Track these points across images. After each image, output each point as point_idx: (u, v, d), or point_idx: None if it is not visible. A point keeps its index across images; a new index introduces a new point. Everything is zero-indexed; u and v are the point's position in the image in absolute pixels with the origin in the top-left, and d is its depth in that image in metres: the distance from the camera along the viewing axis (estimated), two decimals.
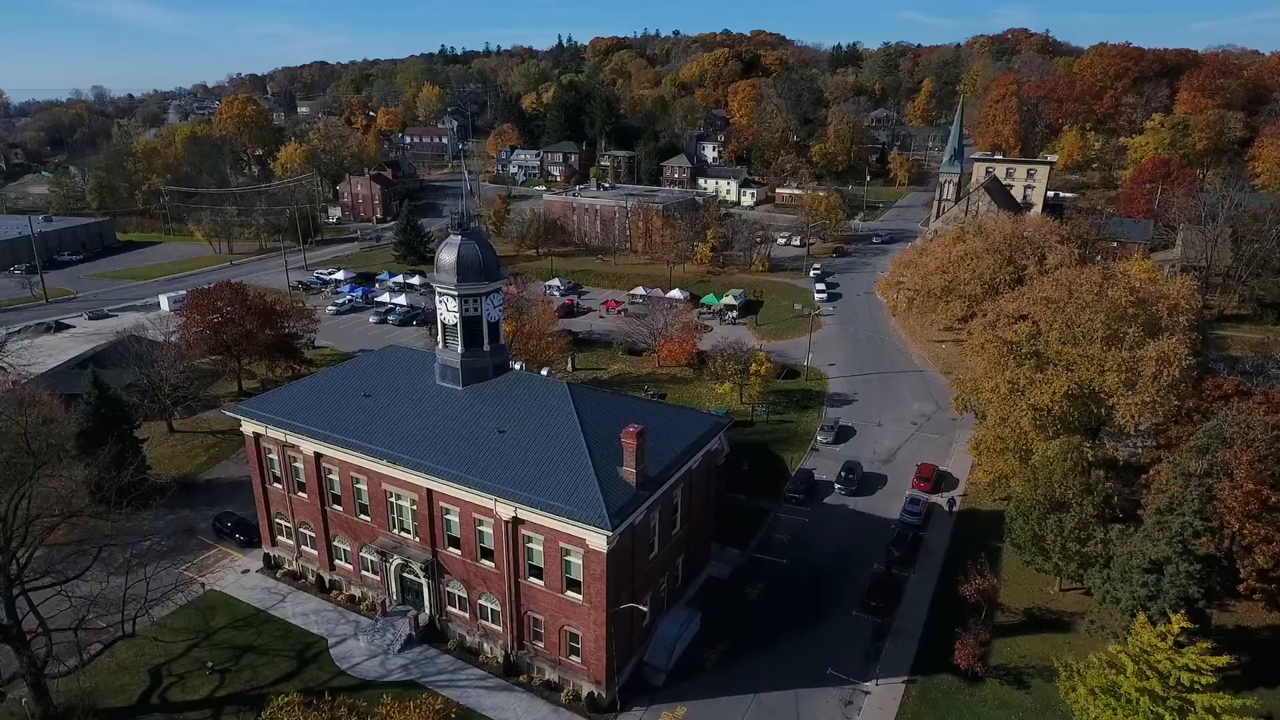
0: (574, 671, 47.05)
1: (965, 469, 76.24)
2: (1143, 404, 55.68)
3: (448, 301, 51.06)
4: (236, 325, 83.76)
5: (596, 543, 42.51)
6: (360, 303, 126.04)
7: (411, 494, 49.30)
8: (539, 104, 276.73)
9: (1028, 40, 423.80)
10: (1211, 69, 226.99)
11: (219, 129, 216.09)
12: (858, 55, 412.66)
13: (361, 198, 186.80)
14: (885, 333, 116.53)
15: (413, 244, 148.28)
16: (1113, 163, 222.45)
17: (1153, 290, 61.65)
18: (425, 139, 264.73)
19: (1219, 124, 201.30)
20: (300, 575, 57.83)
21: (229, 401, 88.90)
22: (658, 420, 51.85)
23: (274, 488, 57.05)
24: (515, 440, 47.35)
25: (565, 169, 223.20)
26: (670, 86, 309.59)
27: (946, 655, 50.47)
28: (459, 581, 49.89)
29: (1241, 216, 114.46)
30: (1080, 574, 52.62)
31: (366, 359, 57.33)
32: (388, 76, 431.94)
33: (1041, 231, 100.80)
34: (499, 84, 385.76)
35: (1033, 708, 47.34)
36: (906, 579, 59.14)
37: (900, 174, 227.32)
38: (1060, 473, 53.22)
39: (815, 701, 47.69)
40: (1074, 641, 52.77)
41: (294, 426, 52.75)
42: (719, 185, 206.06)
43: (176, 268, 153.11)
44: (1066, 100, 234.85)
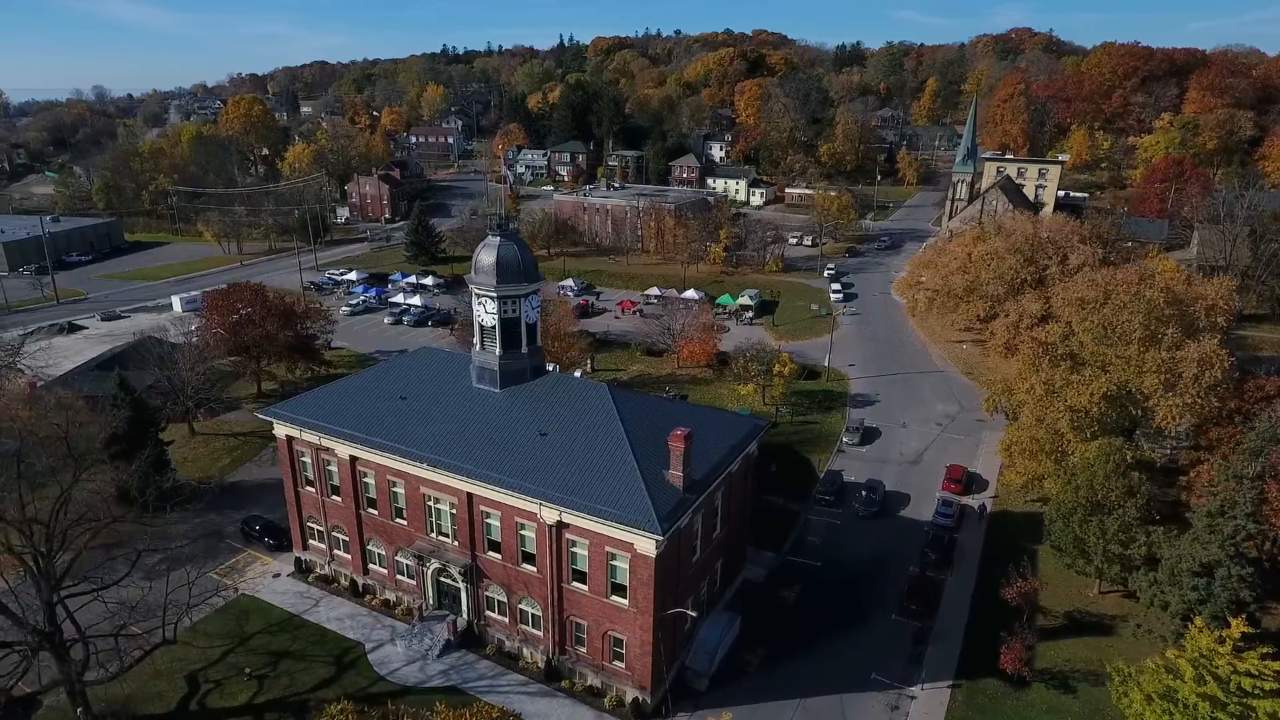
0: (618, 677, 46.51)
1: (994, 470, 75.72)
2: (1184, 405, 55.19)
3: (486, 303, 50.49)
4: (256, 326, 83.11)
5: (645, 547, 41.98)
6: (374, 303, 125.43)
7: (451, 498, 48.73)
8: (544, 104, 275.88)
9: (1031, 39, 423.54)
10: (1220, 68, 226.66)
11: (225, 129, 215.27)
12: (861, 55, 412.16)
13: (370, 198, 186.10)
14: (903, 333, 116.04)
15: (424, 244, 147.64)
16: (1121, 162, 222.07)
17: (1189, 291, 61.18)
18: (431, 139, 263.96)
19: (1229, 123, 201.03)
20: (333, 579, 57.25)
21: (248, 403, 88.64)
22: (697, 423, 51.19)
23: (306, 491, 56.46)
24: (557, 443, 46.80)
25: (573, 168, 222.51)
26: (675, 86, 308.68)
27: (990, 659, 50.04)
28: (499, 586, 49.33)
29: (1261, 216, 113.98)
30: (1123, 577, 52.15)
31: (399, 361, 56.75)
32: (390, 76, 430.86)
33: (1063, 231, 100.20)
34: (502, 84, 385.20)
35: (1081, 713, 46.85)
36: (943, 581, 58.65)
37: (909, 174, 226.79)
38: (1102, 474, 52.74)
39: (861, 706, 47.19)
40: (1118, 645, 52.35)
41: (329, 430, 52.16)
42: (727, 185, 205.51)
43: (186, 268, 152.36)
44: (1075, 99, 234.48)
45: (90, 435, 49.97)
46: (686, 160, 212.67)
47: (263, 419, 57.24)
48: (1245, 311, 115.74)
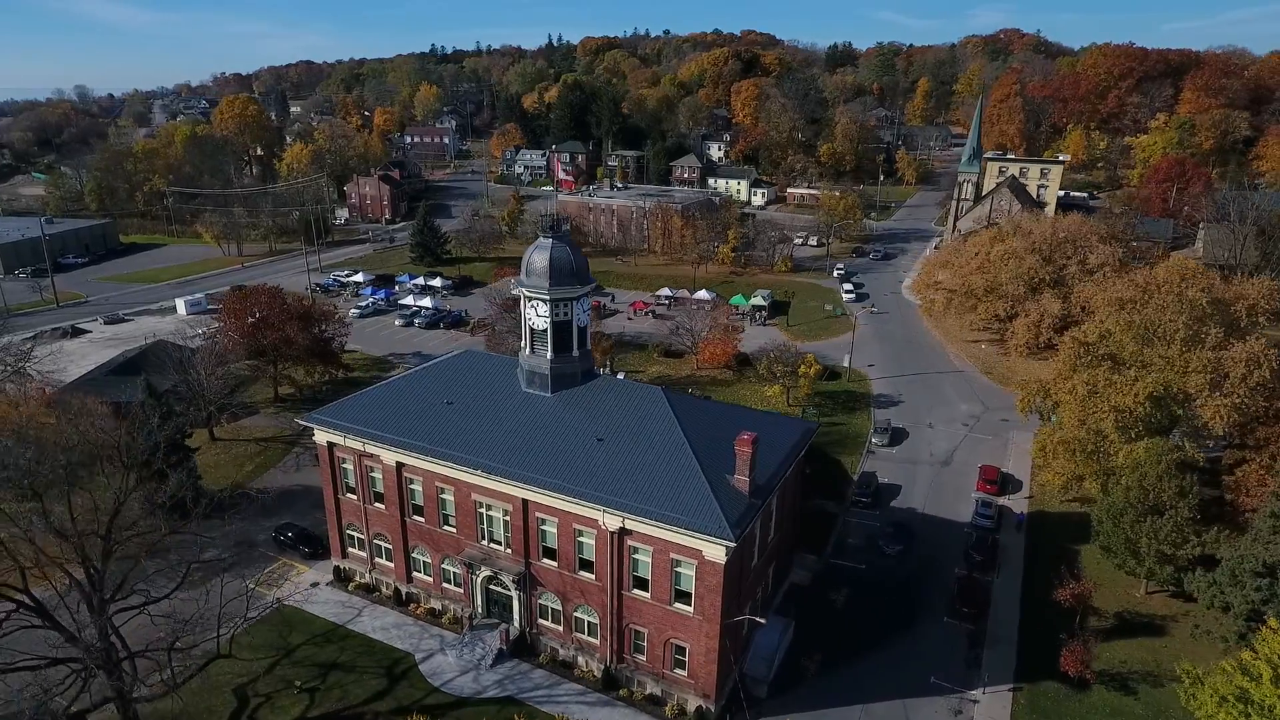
0: (679, 685, 45.74)
1: (1026, 470, 75.67)
2: (1231, 405, 55.15)
3: (538, 306, 49.58)
4: (275, 329, 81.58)
5: (713, 554, 41.24)
6: (383, 305, 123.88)
7: (505, 505, 47.76)
8: (540, 103, 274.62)
9: (1020, 40, 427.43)
10: (1214, 69, 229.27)
11: (220, 129, 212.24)
12: (853, 55, 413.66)
13: (370, 198, 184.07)
14: (918, 332, 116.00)
15: (429, 245, 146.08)
16: (1118, 162, 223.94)
17: (1230, 290, 61.25)
18: (426, 139, 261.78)
19: (1224, 123, 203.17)
20: (374, 588, 56.08)
21: (266, 407, 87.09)
22: (752, 426, 50.75)
23: (347, 499, 55.27)
24: (616, 449, 45.98)
25: (573, 169, 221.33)
26: (670, 86, 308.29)
27: (1048, 661, 49.76)
28: (553, 594, 48.42)
29: (1271, 215, 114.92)
30: (1176, 577, 51.97)
31: (441, 365, 55.63)
32: (379, 76, 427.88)
33: (1082, 231, 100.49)
34: (493, 84, 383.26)
35: (1144, 715, 46.60)
36: (990, 583, 58.32)
37: (908, 173, 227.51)
38: (1153, 475, 52.58)
39: (924, 711, 46.71)
40: (1171, 646, 52.20)
41: (375, 436, 51.03)
42: (729, 185, 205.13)
43: (185, 270, 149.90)
44: (1071, 100, 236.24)
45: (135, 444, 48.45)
46: (687, 160, 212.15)
47: (280, 424, 56.19)
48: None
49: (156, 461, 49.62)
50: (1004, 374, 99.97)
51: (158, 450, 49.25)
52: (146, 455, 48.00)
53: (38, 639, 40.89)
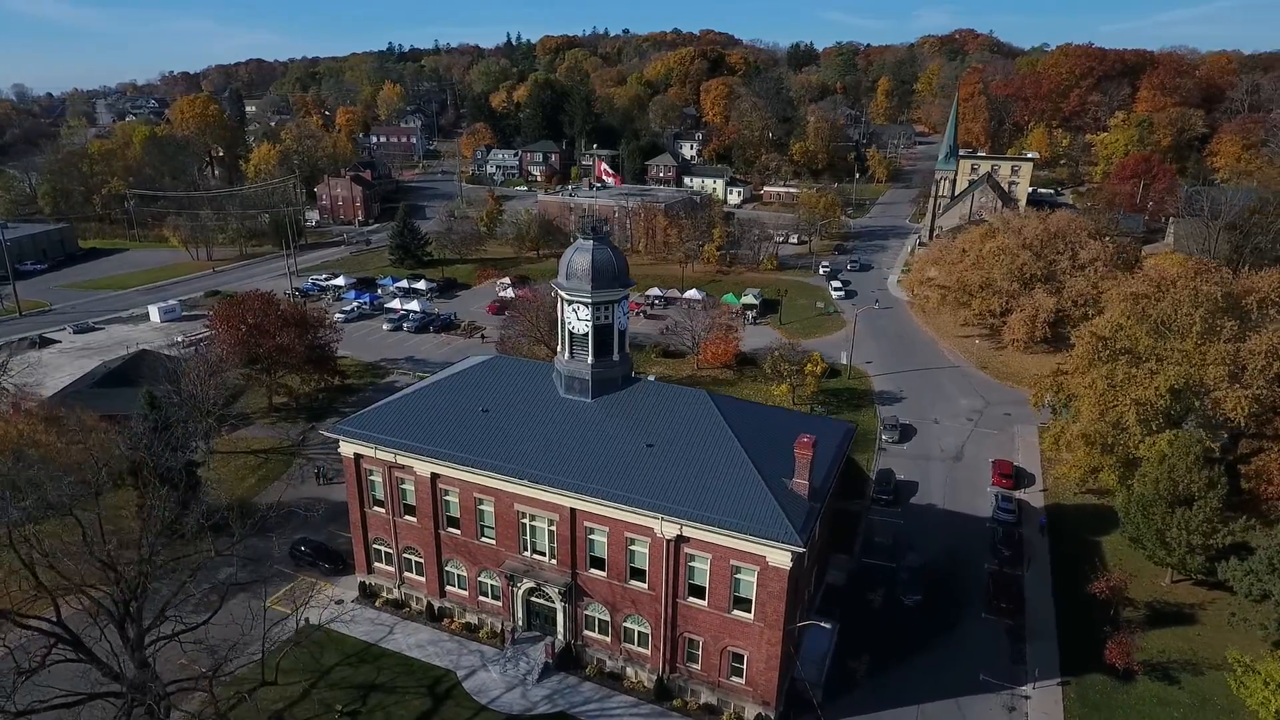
0: (736, 693, 44.96)
1: (1036, 463, 76.71)
2: (1251, 396, 56.35)
3: (578, 309, 48.23)
4: (271, 336, 78.63)
5: (778, 559, 40.53)
6: (368, 309, 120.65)
7: (550, 514, 46.39)
8: (509, 102, 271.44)
9: (974, 40, 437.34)
10: (1169, 68, 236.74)
11: (180, 129, 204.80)
12: (815, 55, 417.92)
13: (341, 200, 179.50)
14: (909, 328, 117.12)
15: (409, 247, 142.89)
16: (1080, 159, 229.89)
17: (1240, 285, 62.69)
18: (392, 139, 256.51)
19: (1180, 121, 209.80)
20: (403, 604, 54.15)
21: (260, 417, 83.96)
22: (795, 427, 50.26)
23: (374, 512, 53.22)
24: (667, 454, 44.95)
25: (546, 168, 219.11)
26: (638, 85, 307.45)
27: (1090, 653, 50.25)
28: (601, 604, 47.21)
29: (1243, 210, 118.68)
30: (1208, 567, 52.83)
31: (469, 371, 53.83)
32: (336, 74, 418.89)
33: (1072, 227, 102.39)
34: (455, 83, 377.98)
35: (1190, 703, 47.22)
36: (1021, 578, 58.73)
37: (879, 171, 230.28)
38: (1183, 467, 53.36)
39: (979, 709, 46.68)
40: (1204, 634, 53.13)
41: (408, 446, 49.18)
42: (705, 184, 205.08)
43: (153, 276, 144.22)
44: (1033, 99, 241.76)
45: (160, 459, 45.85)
46: (663, 159, 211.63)
47: (278, 435, 54.09)
48: None
49: (177, 478, 47.10)
50: (999, 368, 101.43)
51: (182, 466, 46.66)
52: (165, 472, 45.38)
53: (70, 672, 38.43)
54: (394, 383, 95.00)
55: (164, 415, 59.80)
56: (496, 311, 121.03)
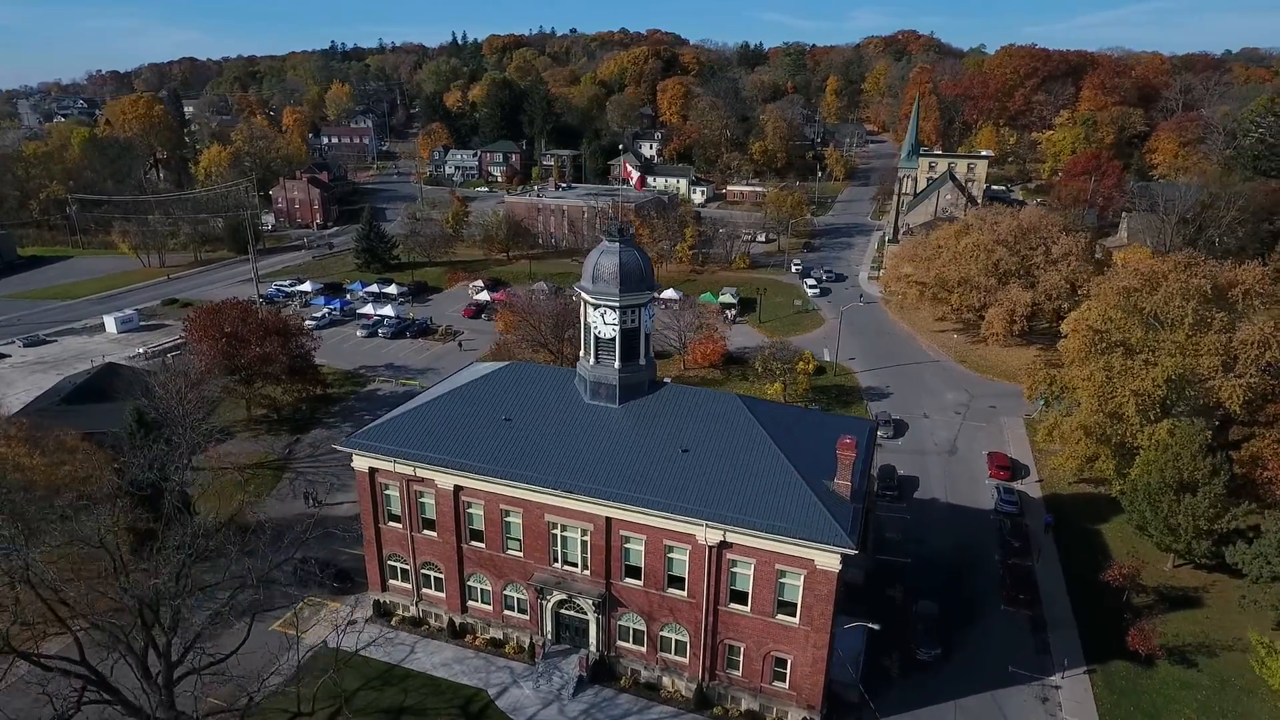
0: (779, 698, 44.55)
1: (1028, 454, 78.35)
2: (1245, 385, 58.39)
3: (606, 313, 47.13)
4: (253, 346, 75.33)
5: (827, 562, 40.24)
6: (338, 315, 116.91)
7: (584, 524, 45.25)
8: (464, 102, 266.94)
9: (916, 41, 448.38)
10: (1108, 69, 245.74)
11: (122, 130, 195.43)
12: (764, 55, 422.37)
13: (298, 202, 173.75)
14: (886, 324, 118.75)
15: (376, 250, 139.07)
16: (1027, 156, 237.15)
17: (1226, 277, 64.96)
18: (344, 140, 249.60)
19: (1121, 119, 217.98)
20: (421, 621, 52.30)
21: (241, 430, 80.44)
22: (822, 426, 50.19)
23: (390, 527, 51.22)
24: (703, 459, 44.23)
25: (506, 169, 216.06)
26: (591, 85, 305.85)
27: (1109, 640, 51.39)
28: (637, 614, 46.25)
29: (1196, 204, 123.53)
30: (1216, 551, 54.46)
31: (486, 379, 52.08)
32: (276, 73, 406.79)
33: (1044, 223, 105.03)
34: (403, 82, 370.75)
35: (1211, 685, 48.53)
36: (1033, 568, 59.75)
37: (837, 169, 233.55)
38: (1188, 455, 54.97)
39: (1014, 701, 47.21)
40: (1212, 617, 54.77)
41: (429, 459, 47.41)
42: (668, 183, 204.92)
43: (104, 284, 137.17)
44: (981, 98, 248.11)
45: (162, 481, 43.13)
46: (625, 159, 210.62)
47: (262, 449, 51.85)
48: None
49: (176, 499, 44.46)
50: (978, 362, 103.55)
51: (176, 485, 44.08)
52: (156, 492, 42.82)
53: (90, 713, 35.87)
54: (375, 391, 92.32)
55: (155, 433, 56.52)
56: (473, 315, 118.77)
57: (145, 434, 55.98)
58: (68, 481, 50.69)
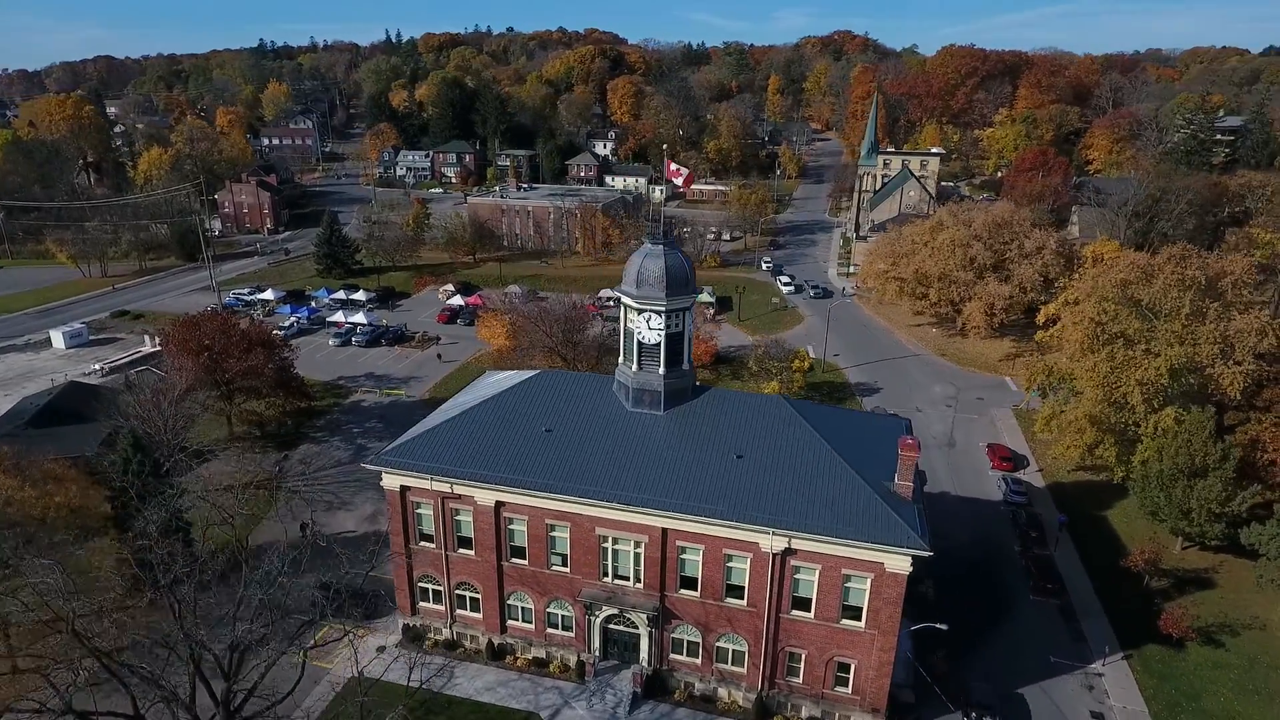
0: (842, 703, 44.06)
1: (1021, 444, 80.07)
2: (1244, 372, 60.66)
3: (650, 318, 45.82)
4: (238, 360, 71.24)
5: (896, 565, 39.91)
6: (306, 324, 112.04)
7: (638, 536, 43.86)
8: (410, 101, 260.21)
9: (852, 42, 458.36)
10: (1043, 68, 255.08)
11: (49, 133, 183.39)
12: (707, 55, 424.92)
13: (247, 206, 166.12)
14: (863, 320, 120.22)
15: (338, 255, 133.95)
16: (969, 153, 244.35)
17: (1214, 268, 67.43)
18: (285, 141, 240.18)
19: (1059, 117, 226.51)
20: (456, 644, 50.02)
21: (223, 449, 75.93)
22: (863, 425, 50.01)
23: (422, 547, 48.82)
24: (759, 465, 43.38)
25: (460, 169, 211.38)
26: (537, 84, 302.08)
27: (1139, 625, 52.77)
28: (692, 625, 45.12)
29: (1147, 198, 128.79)
30: (1230, 533, 56.30)
31: (518, 389, 49.98)
32: (202, 72, 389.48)
33: (1016, 218, 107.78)
34: (340, 82, 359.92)
35: (1241, 664, 50.14)
36: (1052, 558, 60.89)
37: (791, 167, 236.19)
38: (1199, 441, 56.78)
39: (1062, 691, 47.88)
40: (1226, 596, 56.73)
41: (470, 475, 45.28)
42: (626, 183, 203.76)
43: (42, 297, 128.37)
44: (925, 97, 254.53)
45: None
46: (583, 159, 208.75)
47: (248, 468, 48.82)
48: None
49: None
50: (958, 354, 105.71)
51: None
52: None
53: None
54: (359, 402, 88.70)
55: (149, 458, 52.68)
56: (448, 320, 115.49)
57: (142, 460, 52.08)
58: (64, 514, 46.62)
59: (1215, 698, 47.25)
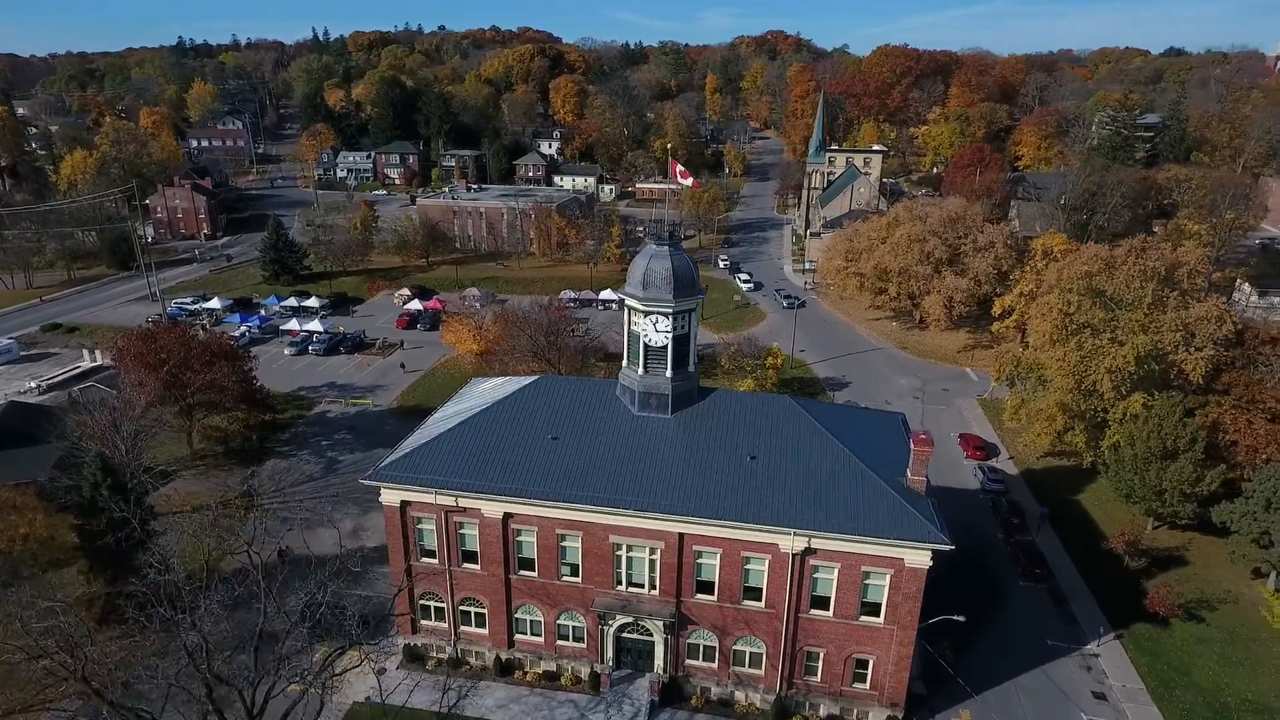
0: (860, 699, 44.33)
1: (989, 433, 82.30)
2: (1207, 358, 63.56)
3: (658, 320, 45.16)
4: (199, 374, 67.65)
5: (916, 560, 40.34)
6: (258, 333, 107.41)
7: (654, 543, 43.20)
8: (348, 101, 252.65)
9: (785, 41, 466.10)
10: (972, 68, 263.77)
11: None
12: (644, 54, 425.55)
13: (182, 211, 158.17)
14: (824, 315, 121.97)
15: (285, 261, 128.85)
16: (906, 150, 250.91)
17: (1170, 259, 70.51)
18: (216, 143, 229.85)
19: (989, 115, 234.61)
20: (461, 662, 48.47)
21: (183, 469, 72.10)
22: (863, 422, 50.49)
23: (423, 564, 47.10)
24: (774, 465, 43.24)
25: (404, 170, 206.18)
26: (476, 83, 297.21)
27: (1124, 604, 54.73)
28: (708, 630, 44.71)
29: (1084, 192, 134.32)
30: (1199, 513, 58.86)
31: (517, 396, 48.57)
32: (119, 71, 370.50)
33: (969, 213, 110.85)
34: (268, 81, 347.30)
35: (1222, 637, 52.45)
36: (1034, 543, 62.66)
37: (736, 166, 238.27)
38: (1170, 424, 59.25)
39: (1063, 672, 49.23)
40: (1199, 572, 59.32)
41: (476, 487, 43.87)
42: (576, 182, 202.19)
43: None
44: (862, 96, 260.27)
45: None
46: (531, 159, 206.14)
47: (213, 487, 47.38)
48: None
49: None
50: (918, 347, 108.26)
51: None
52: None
53: None
54: (324, 413, 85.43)
55: (123, 484, 49.47)
56: (407, 325, 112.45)
57: (112, 484, 48.82)
58: (32, 546, 43.32)
59: (1204, 671, 49.30)
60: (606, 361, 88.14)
